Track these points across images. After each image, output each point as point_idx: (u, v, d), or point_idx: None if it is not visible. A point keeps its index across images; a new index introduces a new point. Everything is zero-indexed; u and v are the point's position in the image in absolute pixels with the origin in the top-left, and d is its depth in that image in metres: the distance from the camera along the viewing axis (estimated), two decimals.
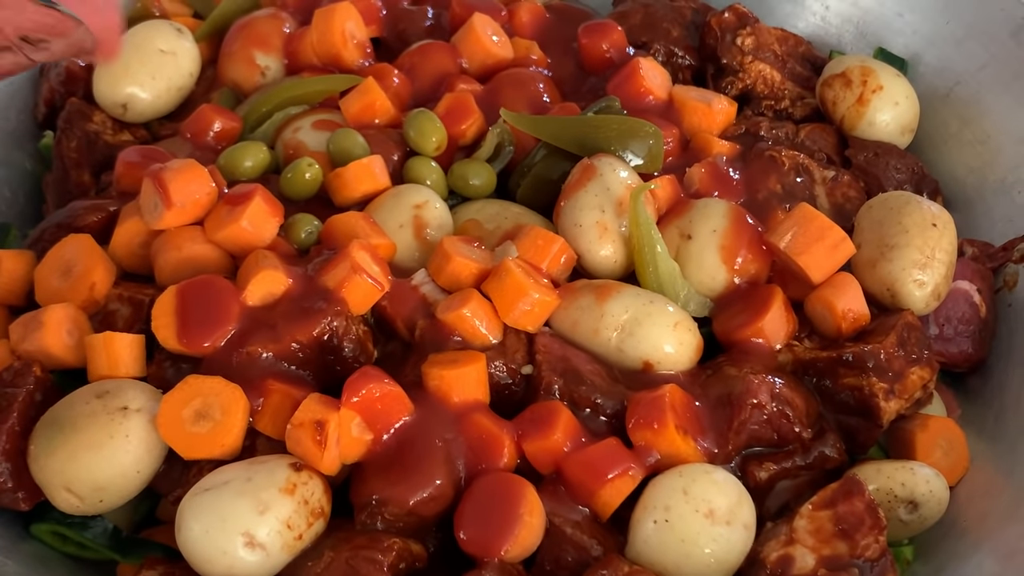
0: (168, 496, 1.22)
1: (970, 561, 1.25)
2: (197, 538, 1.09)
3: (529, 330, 1.31)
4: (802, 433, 1.27)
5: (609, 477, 1.18)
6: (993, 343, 1.51)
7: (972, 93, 1.73)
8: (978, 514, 1.31)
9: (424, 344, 1.27)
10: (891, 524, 1.20)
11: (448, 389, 1.21)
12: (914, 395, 1.33)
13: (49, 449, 1.17)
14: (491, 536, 1.13)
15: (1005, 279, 1.55)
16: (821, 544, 1.14)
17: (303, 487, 1.13)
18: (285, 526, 1.11)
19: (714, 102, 1.60)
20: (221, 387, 1.18)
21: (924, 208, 1.40)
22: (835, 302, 1.34)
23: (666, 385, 1.24)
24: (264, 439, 1.21)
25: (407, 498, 1.14)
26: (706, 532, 1.13)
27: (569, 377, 1.26)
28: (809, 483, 1.28)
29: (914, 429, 1.36)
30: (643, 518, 1.16)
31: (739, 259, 1.38)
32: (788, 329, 1.36)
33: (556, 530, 1.16)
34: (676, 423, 1.21)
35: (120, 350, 1.25)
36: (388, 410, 1.17)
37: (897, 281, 1.36)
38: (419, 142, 1.48)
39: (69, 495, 1.17)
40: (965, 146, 1.71)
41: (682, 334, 1.31)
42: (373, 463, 1.17)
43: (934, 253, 1.37)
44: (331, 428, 1.14)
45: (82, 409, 1.18)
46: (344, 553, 1.11)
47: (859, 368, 1.30)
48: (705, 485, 1.16)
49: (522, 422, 1.22)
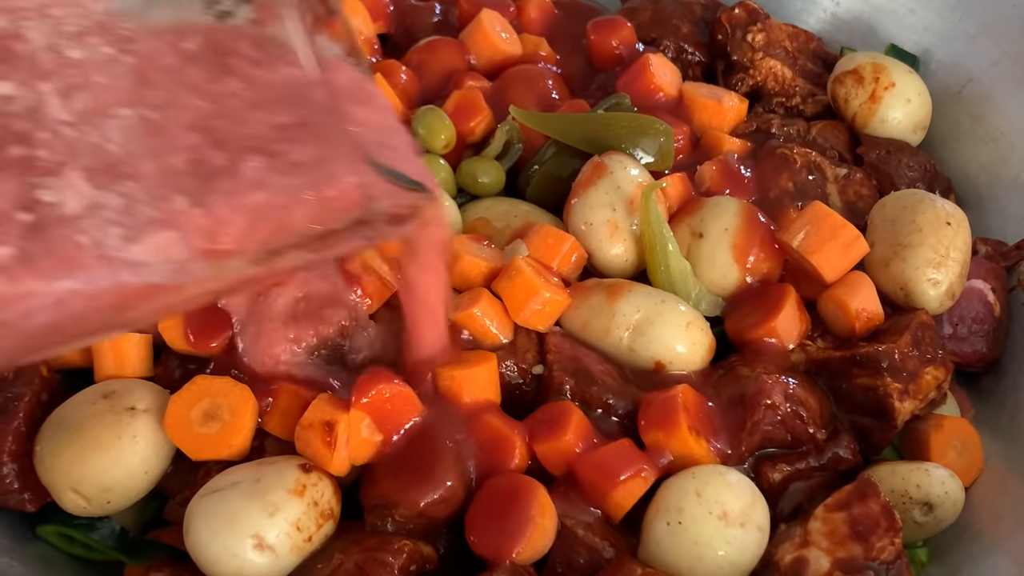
0: (176, 497, 1.21)
1: (986, 563, 1.24)
2: (205, 540, 1.08)
3: (540, 330, 1.30)
4: (816, 434, 1.26)
5: (621, 479, 1.16)
6: (1007, 342, 1.50)
7: (984, 90, 1.71)
8: (993, 515, 1.30)
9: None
10: (906, 526, 1.19)
11: (459, 389, 1.20)
12: (928, 395, 1.32)
13: (55, 450, 1.16)
14: (502, 538, 1.12)
15: (1019, 278, 1.54)
16: (836, 546, 1.12)
17: (312, 488, 1.12)
18: (294, 528, 1.09)
19: (724, 99, 1.59)
20: (230, 387, 1.17)
21: (938, 206, 1.39)
22: (849, 301, 1.33)
23: (678, 386, 1.23)
24: (273, 440, 1.20)
25: (417, 500, 1.13)
26: (719, 534, 1.12)
27: (580, 377, 1.25)
28: (823, 484, 1.27)
29: (928, 430, 1.35)
30: (656, 520, 1.15)
31: (751, 258, 1.37)
32: (801, 329, 1.34)
33: (568, 532, 1.15)
34: (689, 424, 1.20)
35: (127, 350, 1.25)
36: (398, 411, 1.16)
37: (911, 280, 1.35)
38: (428, 139, 1.47)
39: (76, 496, 1.16)
40: (977, 143, 1.70)
41: (694, 334, 1.30)
42: (383, 464, 1.16)
43: (948, 252, 1.36)
44: (341, 429, 1.13)
45: (89, 409, 1.17)
46: (354, 555, 1.10)
47: (873, 368, 1.29)
48: (718, 487, 1.14)
49: (533, 423, 1.21)
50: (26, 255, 0.74)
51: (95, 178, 0.76)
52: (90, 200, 0.75)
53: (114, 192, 0.76)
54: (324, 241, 0.87)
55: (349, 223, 0.87)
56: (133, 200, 0.77)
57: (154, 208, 0.78)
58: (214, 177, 0.80)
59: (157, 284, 0.78)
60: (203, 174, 0.80)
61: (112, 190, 0.76)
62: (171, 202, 0.79)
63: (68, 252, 0.75)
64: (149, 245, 0.77)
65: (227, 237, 0.81)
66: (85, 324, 0.80)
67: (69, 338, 0.84)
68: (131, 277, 0.76)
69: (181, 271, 0.79)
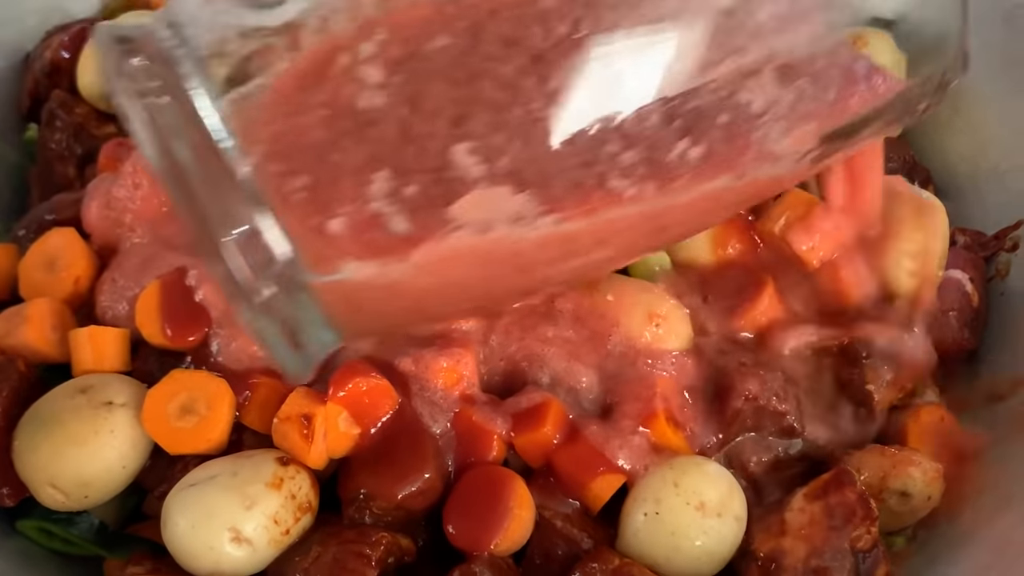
0: (154, 491, 1.21)
1: (962, 551, 1.24)
2: (183, 533, 1.08)
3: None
4: (794, 424, 1.26)
5: (600, 470, 1.17)
6: (985, 332, 1.50)
7: (964, 81, 1.70)
8: (970, 503, 1.30)
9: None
10: (883, 514, 1.19)
11: (436, 381, 1.20)
12: (907, 385, 1.32)
13: (33, 445, 1.16)
14: (480, 530, 1.12)
15: (997, 267, 1.54)
16: (812, 535, 1.13)
17: (290, 481, 1.12)
18: (272, 521, 1.10)
19: None
20: (206, 381, 1.17)
21: (916, 196, 1.39)
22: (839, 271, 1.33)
23: (657, 375, 1.23)
24: (251, 433, 1.20)
25: (395, 492, 1.13)
26: (697, 524, 1.13)
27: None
28: (801, 474, 1.27)
29: (906, 419, 1.36)
30: (633, 511, 1.16)
31: (729, 248, 1.37)
32: (779, 318, 1.34)
33: (546, 523, 1.15)
34: (667, 415, 1.20)
35: (105, 344, 1.24)
36: (375, 404, 1.16)
37: (889, 270, 1.35)
38: None
39: (54, 491, 1.16)
40: (957, 134, 1.70)
41: (674, 323, 1.30)
42: (360, 457, 1.16)
43: (926, 242, 1.36)
44: (318, 422, 1.13)
45: (66, 404, 1.17)
46: (332, 547, 1.10)
47: (852, 358, 1.29)
48: (696, 477, 1.15)
49: (512, 415, 1.21)
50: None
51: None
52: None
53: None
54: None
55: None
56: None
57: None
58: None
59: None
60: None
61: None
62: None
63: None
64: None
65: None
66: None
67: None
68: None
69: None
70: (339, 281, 0.90)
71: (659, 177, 0.89)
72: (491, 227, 0.88)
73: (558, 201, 0.88)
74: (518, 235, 0.89)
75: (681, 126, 0.87)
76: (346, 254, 0.88)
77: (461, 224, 0.87)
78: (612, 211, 0.90)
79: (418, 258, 0.89)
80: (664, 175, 0.89)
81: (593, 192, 0.88)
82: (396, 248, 0.88)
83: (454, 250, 0.89)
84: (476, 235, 0.88)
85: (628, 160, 0.87)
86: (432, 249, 0.89)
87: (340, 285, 0.90)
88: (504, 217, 0.88)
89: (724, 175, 0.92)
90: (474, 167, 0.85)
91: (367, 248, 0.88)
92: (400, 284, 0.91)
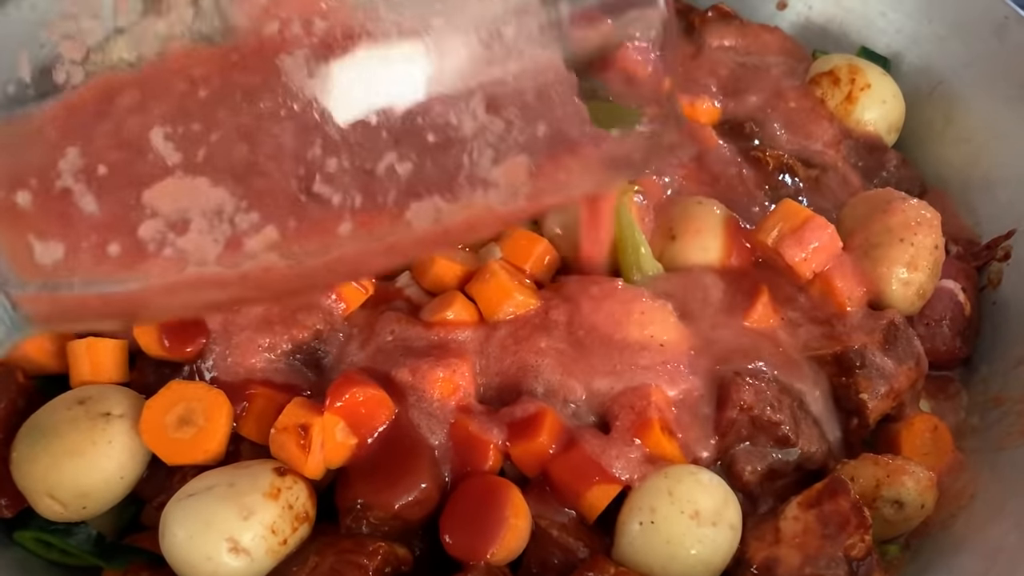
0: (152, 502, 1.22)
1: (956, 559, 1.24)
2: (181, 544, 1.09)
3: None
4: (788, 433, 1.27)
5: (595, 479, 1.17)
6: (977, 341, 1.51)
7: (956, 91, 1.73)
8: (964, 511, 1.31)
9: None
10: (876, 523, 1.20)
11: (432, 391, 1.21)
12: (900, 394, 1.33)
13: (31, 455, 1.16)
14: (477, 539, 1.13)
15: (989, 277, 1.55)
16: (807, 544, 1.14)
17: (287, 492, 1.12)
18: (269, 531, 1.10)
19: (697, 101, 1.60)
20: (204, 392, 1.18)
21: (909, 206, 1.40)
22: (833, 279, 1.35)
23: (651, 385, 1.24)
24: (248, 444, 1.20)
25: (392, 502, 1.14)
26: (692, 533, 1.13)
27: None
28: (795, 483, 1.28)
29: (899, 427, 1.36)
30: (629, 520, 1.16)
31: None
32: (773, 326, 1.35)
33: (542, 532, 1.16)
34: (661, 424, 1.20)
35: (103, 355, 1.25)
36: (372, 414, 1.17)
37: (882, 280, 1.36)
38: None
39: (52, 502, 1.17)
40: (949, 144, 1.72)
41: (668, 332, 1.30)
42: (358, 467, 1.17)
43: (919, 252, 1.37)
44: (315, 432, 1.13)
45: (64, 415, 1.18)
46: (329, 557, 1.10)
47: (846, 367, 1.30)
48: (690, 486, 1.15)
49: (508, 425, 1.22)
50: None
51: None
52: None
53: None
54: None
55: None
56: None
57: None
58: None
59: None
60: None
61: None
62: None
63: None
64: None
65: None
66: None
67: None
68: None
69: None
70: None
71: (366, 189, 0.87)
72: (187, 220, 0.85)
73: (260, 200, 0.86)
74: (219, 233, 0.85)
75: (389, 139, 0.86)
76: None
77: (155, 212, 0.84)
78: (319, 217, 0.87)
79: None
80: (372, 187, 0.87)
81: (297, 195, 0.86)
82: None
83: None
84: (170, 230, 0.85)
85: (333, 167, 0.85)
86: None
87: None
88: (200, 210, 0.85)
89: (435, 195, 0.90)
90: (172, 155, 0.83)
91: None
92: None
